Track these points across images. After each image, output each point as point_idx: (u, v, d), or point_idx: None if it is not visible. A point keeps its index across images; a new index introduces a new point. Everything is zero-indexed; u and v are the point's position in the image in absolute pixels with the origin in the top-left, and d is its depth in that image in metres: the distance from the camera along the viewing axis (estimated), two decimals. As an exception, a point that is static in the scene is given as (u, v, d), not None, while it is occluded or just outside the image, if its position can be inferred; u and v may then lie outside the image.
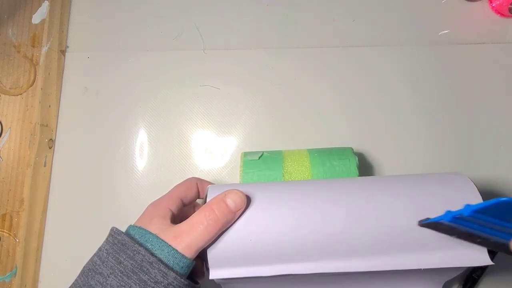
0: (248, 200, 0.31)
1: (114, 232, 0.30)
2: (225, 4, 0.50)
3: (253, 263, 0.30)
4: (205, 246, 0.29)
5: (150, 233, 0.29)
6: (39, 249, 0.44)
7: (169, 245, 0.28)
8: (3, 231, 0.42)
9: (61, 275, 0.44)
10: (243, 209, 0.30)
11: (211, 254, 0.30)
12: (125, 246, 0.28)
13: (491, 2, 0.50)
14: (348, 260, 0.30)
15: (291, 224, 0.30)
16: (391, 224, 0.30)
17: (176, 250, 0.28)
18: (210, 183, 0.36)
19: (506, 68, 0.48)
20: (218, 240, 0.30)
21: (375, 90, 0.48)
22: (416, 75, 0.48)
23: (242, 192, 0.30)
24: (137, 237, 0.29)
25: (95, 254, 0.30)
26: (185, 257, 0.28)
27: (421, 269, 0.30)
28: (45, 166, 0.45)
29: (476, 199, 0.31)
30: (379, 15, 0.50)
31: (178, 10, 0.50)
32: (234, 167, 0.46)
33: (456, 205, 0.30)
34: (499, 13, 0.49)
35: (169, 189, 0.35)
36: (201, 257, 0.32)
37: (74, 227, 0.45)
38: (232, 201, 0.29)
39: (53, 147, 0.47)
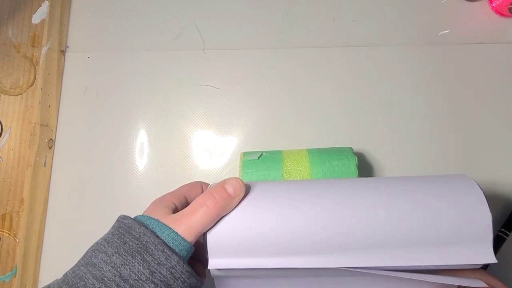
0: (249, 191, 0.32)
1: (121, 218, 0.31)
2: (225, 4, 0.50)
3: (253, 254, 0.30)
4: (204, 230, 0.30)
5: (152, 218, 0.30)
6: (39, 249, 0.44)
7: (169, 228, 0.29)
8: (3, 231, 0.42)
9: (61, 275, 0.44)
10: (242, 195, 0.31)
11: (211, 242, 0.30)
12: (131, 228, 0.29)
13: (491, 2, 0.50)
14: (346, 255, 0.29)
15: (291, 214, 0.30)
16: (393, 220, 0.29)
17: (176, 233, 0.29)
18: None
19: (506, 68, 0.48)
20: (218, 229, 0.30)
21: (375, 90, 0.48)
22: (416, 75, 0.48)
23: (241, 180, 0.31)
24: (141, 221, 0.30)
25: (100, 238, 0.30)
26: (184, 240, 0.29)
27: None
28: (45, 166, 0.45)
29: (481, 203, 0.30)
30: (379, 15, 0.50)
31: (178, 10, 0.50)
32: (234, 167, 0.46)
33: (461, 208, 0.30)
34: (499, 13, 0.49)
35: (170, 189, 0.35)
36: (202, 260, 0.32)
37: (74, 227, 0.45)
38: (231, 186, 0.30)
39: (53, 147, 0.47)
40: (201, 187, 0.36)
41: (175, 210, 0.32)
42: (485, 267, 0.41)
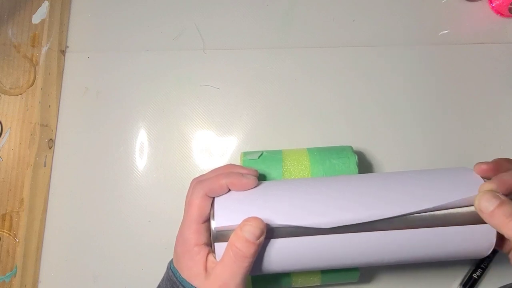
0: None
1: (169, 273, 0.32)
2: (225, 4, 0.50)
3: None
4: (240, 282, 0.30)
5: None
6: (39, 249, 0.44)
7: None
8: (3, 231, 0.42)
9: (61, 275, 0.44)
10: (263, 236, 0.29)
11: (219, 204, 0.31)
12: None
13: (491, 2, 0.50)
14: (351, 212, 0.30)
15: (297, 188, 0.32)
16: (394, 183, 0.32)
17: None
18: (214, 181, 0.33)
19: (506, 68, 0.48)
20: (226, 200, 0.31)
21: (375, 90, 0.48)
22: (416, 75, 0.48)
23: (258, 221, 0.29)
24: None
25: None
26: None
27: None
28: (45, 166, 0.45)
29: (463, 167, 0.33)
30: (379, 15, 0.50)
31: (178, 10, 0.50)
32: (234, 167, 0.46)
33: (462, 190, 0.31)
34: (499, 13, 0.49)
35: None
36: None
37: (74, 227, 0.45)
38: (248, 232, 0.29)
39: (53, 147, 0.47)
40: (207, 198, 0.32)
41: (205, 249, 0.31)
42: (483, 269, 0.41)
